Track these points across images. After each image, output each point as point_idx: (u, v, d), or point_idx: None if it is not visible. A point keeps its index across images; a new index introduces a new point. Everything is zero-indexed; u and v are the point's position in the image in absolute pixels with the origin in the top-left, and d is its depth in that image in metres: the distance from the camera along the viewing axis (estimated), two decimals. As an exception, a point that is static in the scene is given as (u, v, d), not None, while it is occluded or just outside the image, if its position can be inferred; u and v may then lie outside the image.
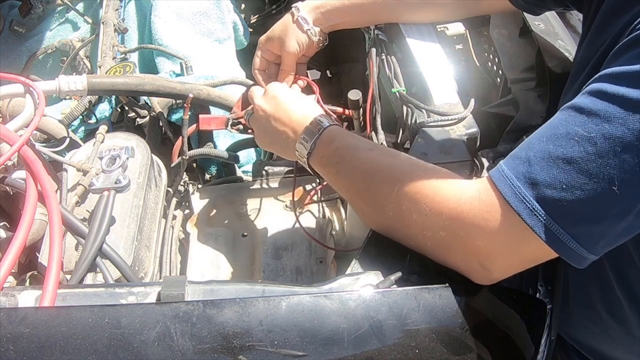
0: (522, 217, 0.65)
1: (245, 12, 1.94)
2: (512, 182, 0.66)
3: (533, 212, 0.65)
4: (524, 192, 0.65)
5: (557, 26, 1.14)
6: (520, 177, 0.66)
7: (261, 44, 1.13)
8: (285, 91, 0.97)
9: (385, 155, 0.84)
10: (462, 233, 0.70)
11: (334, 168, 0.85)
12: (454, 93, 1.04)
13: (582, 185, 0.62)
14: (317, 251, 1.14)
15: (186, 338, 0.66)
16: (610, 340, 1.00)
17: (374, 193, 0.79)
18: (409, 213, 0.74)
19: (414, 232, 0.75)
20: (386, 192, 0.77)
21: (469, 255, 0.71)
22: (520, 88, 1.07)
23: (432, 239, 0.73)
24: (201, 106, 1.24)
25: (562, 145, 0.64)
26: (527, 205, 0.65)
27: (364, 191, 0.81)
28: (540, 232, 0.65)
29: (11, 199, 1.04)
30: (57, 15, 1.70)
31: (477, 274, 0.72)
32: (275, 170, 1.27)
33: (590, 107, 0.64)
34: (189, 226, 1.20)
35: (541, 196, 0.64)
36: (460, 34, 1.22)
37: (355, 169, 0.82)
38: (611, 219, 0.64)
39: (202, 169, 1.33)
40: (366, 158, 0.82)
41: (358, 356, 0.67)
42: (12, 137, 0.87)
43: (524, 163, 0.67)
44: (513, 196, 0.66)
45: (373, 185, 0.79)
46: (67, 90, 1.08)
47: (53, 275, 0.74)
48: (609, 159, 0.61)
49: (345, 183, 0.85)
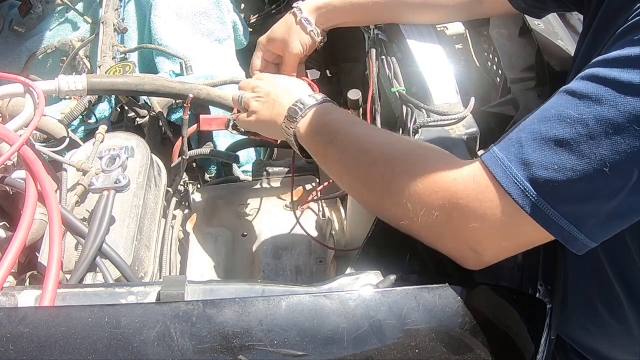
0: (514, 198, 0.66)
1: (245, 12, 1.94)
2: (504, 163, 0.67)
3: (524, 193, 0.65)
4: (515, 173, 0.66)
5: (557, 26, 1.14)
6: (512, 158, 0.67)
7: (262, 44, 1.12)
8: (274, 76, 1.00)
9: (382, 133, 0.84)
10: (455, 214, 0.70)
11: (325, 138, 0.84)
12: (454, 93, 1.04)
13: (574, 166, 0.63)
14: (317, 251, 1.14)
15: (186, 338, 0.66)
16: (610, 340, 1.00)
17: (367, 169, 0.79)
18: (402, 191, 0.74)
19: (406, 211, 0.74)
20: (381, 170, 0.77)
21: (462, 237, 0.71)
22: (520, 88, 1.07)
23: (424, 220, 0.72)
24: (201, 106, 1.24)
25: (554, 127, 0.65)
26: (518, 186, 0.65)
27: (355, 167, 0.81)
28: (532, 211, 0.65)
29: (11, 199, 1.04)
30: (57, 15, 1.70)
31: (469, 259, 0.72)
32: (276, 170, 1.27)
33: (582, 90, 0.65)
34: (189, 226, 1.20)
35: (533, 177, 0.65)
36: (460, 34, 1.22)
37: (349, 144, 0.82)
38: (602, 198, 0.64)
39: (202, 169, 1.33)
40: (362, 133, 0.82)
41: (358, 356, 0.67)
42: (12, 137, 0.87)
43: (515, 145, 0.67)
44: (505, 177, 0.66)
45: (367, 161, 0.79)
46: (67, 90, 1.08)
47: (53, 275, 0.74)
48: (600, 140, 0.62)
49: (336, 157, 0.84)
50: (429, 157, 0.77)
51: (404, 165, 0.76)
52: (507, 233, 0.69)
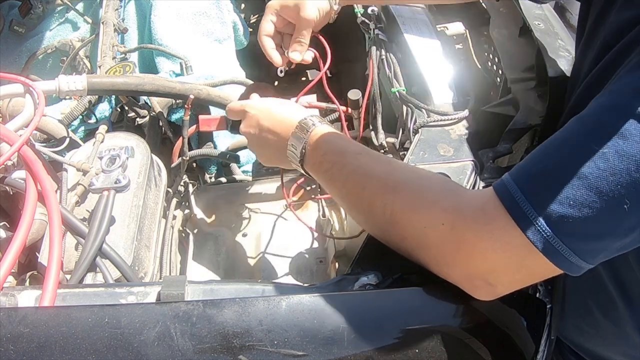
0: (525, 233, 0.62)
1: (245, 12, 1.94)
2: (516, 196, 0.63)
3: (536, 228, 0.62)
4: (527, 207, 0.62)
5: (557, 26, 1.14)
6: (525, 190, 0.63)
7: (272, 8, 1.03)
8: (262, 103, 0.94)
9: (376, 161, 0.79)
10: (464, 246, 0.66)
11: (325, 174, 0.82)
12: (454, 93, 1.04)
13: (591, 203, 0.59)
14: (317, 251, 1.14)
15: (186, 338, 0.66)
16: (604, 341, 0.99)
17: (367, 203, 0.75)
18: (405, 226, 0.71)
19: (412, 244, 0.71)
20: (380, 203, 0.73)
21: (473, 268, 0.67)
22: (520, 88, 1.07)
23: (432, 252, 0.70)
24: (201, 106, 1.24)
25: (572, 159, 0.61)
26: (530, 221, 0.62)
27: (356, 200, 0.78)
28: (543, 248, 0.62)
29: (11, 199, 1.04)
30: (57, 15, 1.70)
31: (480, 289, 0.69)
32: (276, 169, 1.27)
33: (604, 121, 0.61)
34: (189, 226, 1.20)
35: (546, 212, 0.61)
36: (460, 33, 1.23)
37: (347, 177, 0.78)
38: (616, 236, 0.62)
39: (202, 169, 1.33)
40: (356, 164, 0.78)
41: (358, 356, 0.67)
42: (12, 137, 0.87)
43: (528, 176, 0.64)
44: (516, 210, 0.63)
45: (366, 195, 0.75)
46: (67, 90, 1.08)
47: (53, 275, 0.74)
48: (621, 177, 0.58)
49: (338, 191, 0.81)
50: (432, 188, 0.72)
51: (405, 197, 0.72)
52: (518, 265, 0.65)
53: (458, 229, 0.66)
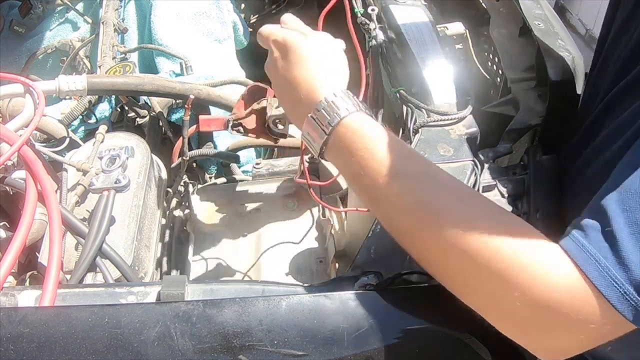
0: (612, 303, 0.56)
1: (245, 12, 1.94)
2: (600, 263, 0.57)
3: (624, 297, 0.56)
4: (614, 275, 0.56)
5: (557, 26, 1.14)
6: (608, 255, 0.56)
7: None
8: (308, 44, 0.75)
9: (445, 192, 0.65)
10: (543, 318, 0.59)
11: (363, 192, 0.68)
12: (454, 93, 1.04)
13: None
14: (317, 251, 1.14)
15: (186, 338, 0.66)
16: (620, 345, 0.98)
17: (433, 241, 0.64)
18: (477, 285, 0.61)
19: (481, 302, 0.63)
20: (443, 253, 0.62)
21: (548, 339, 0.61)
22: (520, 88, 1.07)
23: (503, 315, 0.62)
24: (201, 106, 1.24)
25: None
26: (618, 290, 0.56)
27: (406, 236, 0.66)
28: (634, 318, 0.56)
29: (11, 199, 1.04)
30: (57, 15, 1.70)
31: (547, 354, 0.62)
32: (276, 170, 1.27)
33: None
34: (189, 226, 1.20)
35: (635, 278, 0.55)
36: (460, 33, 1.22)
37: (395, 207, 0.65)
38: None
39: (202, 169, 1.33)
40: (428, 188, 0.64)
41: (358, 356, 0.67)
42: (12, 137, 0.87)
43: (609, 237, 0.57)
44: (602, 280, 0.56)
45: (433, 229, 0.63)
46: (67, 90, 1.08)
47: (53, 275, 0.74)
48: None
49: (379, 213, 0.68)
50: (516, 263, 0.60)
51: (482, 267, 0.60)
52: (599, 334, 0.59)
53: (538, 301, 0.59)
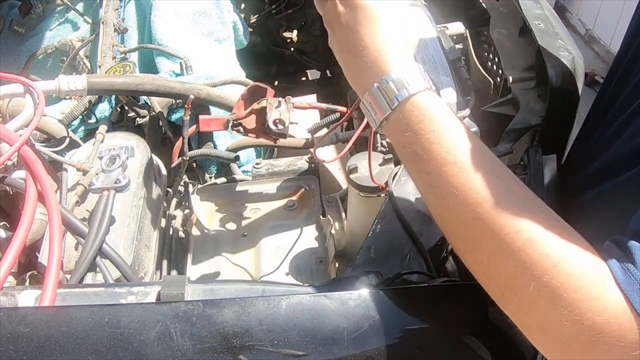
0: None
1: (245, 12, 1.94)
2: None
3: None
4: None
5: (557, 26, 1.14)
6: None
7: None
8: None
9: (519, 208, 0.60)
10: (587, 340, 0.57)
11: (427, 178, 0.64)
12: (454, 93, 1.04)
13: None
14: (317, 251, 1.14)
15: (186, 338, 0.66)
16: None
17: (482, 257, 0.61)
18: (525, 295, 0.59)
19: (522, 312, 0.62)
20: (504, 266, 0.60)
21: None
22: (520, 88, 1.07)
23: (546, 332, 0.60)
24: (201, 106, 1.24)
25: None
26: None
27: (466, 242, 0.63)
28: None
29: (11, 199, 1.04)
30: (57, 15, 1.70)
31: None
32: (276, 170, 1.27)
33: None
34: (189, 226, 1.20)
35: None
36: (460, 33, 1.22)
37: (456, 200, 0.61)
38: None
39: (202, 169, 1.33)
40: (488, 196, 0.61)
41: (358, 356, 0.67)
42: (12, 137, 0.87)
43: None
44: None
45: (491, 248, 0.60)
46: (67, 90, 1.08)
47: (53, 275, 0.74)
48: None
49: (440, 213, 0.65)
50: (580, 296, 0.57)
51: (546, 282, 0.58)
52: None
53: (586, 340, 0.57)
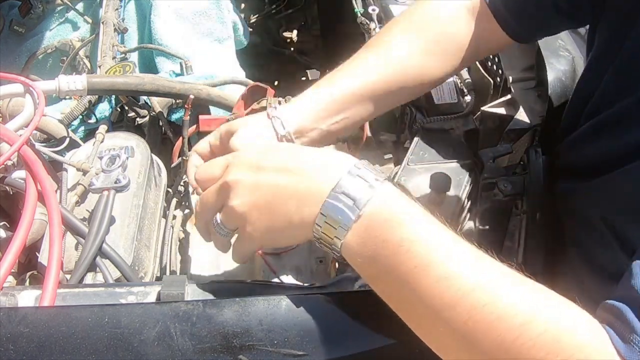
0: None
1: (245, 12, 1.94)
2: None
3: None
4: None
5: (557, 26, 1.14)
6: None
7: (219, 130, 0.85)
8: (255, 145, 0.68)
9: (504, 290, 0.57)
10: None
11: (398, 286, 0.60)
12: (454, 93, 1.04)
13: None
14: (317, 251, 1.14)
15: (186, 337, 0.66)
16: None
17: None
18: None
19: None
20: None
21: None
22: (520, 88, 1.07)
23: None
24: (201, 106, 1.24)
25: None
26: None
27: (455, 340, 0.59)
28: None
29: (11, 199, 1.04)
30: (57, 15, 1.70)
31: None
32: (275, 170, 1.26)
33: None
34: (189, 226, 1.20)
35: None
36: (460, 33, 1.22)
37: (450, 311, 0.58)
38: None
39: (202, 169, 1.33)
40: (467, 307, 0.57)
41: (358, 356, 0.67)
42: (12, 137, 0.87)
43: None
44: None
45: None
46: (67, 90, 1.08)
47: (53, 275, 0.74)
48: None
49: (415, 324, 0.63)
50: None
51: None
52: None
53: None
